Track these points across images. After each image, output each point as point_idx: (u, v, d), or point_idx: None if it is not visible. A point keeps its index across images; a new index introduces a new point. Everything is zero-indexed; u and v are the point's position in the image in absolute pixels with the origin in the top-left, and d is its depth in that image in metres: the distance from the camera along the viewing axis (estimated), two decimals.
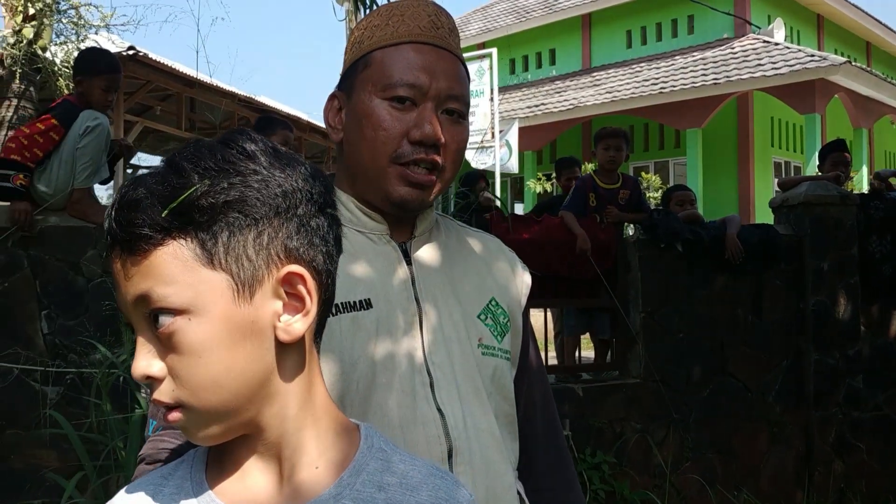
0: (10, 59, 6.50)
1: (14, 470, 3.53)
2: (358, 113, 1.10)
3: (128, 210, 0.68)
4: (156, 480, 0.76)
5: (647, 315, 4.41)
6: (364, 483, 0.73)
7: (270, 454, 0.73)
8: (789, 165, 15.10)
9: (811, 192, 4.79)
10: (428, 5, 1.14)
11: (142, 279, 0.68)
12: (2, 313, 3.59)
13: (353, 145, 1.11)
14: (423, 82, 1.07)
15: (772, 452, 4.68)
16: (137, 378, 0.70)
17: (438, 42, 1.11)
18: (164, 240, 0.67)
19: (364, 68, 1.11)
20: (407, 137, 1.07)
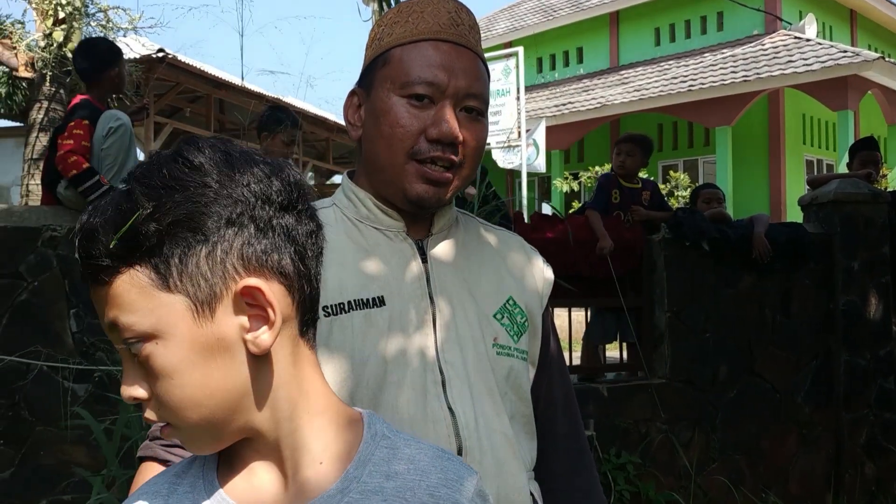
0: (40, 63, 6.62)
1: (44, 466, 3.60)
2: (376, 110, 1.10)
3: (86, 241, 0.68)
4: (170, 479, 0.77)
5: (672, 315, 4.37)
6: (371, 474, 0.73)
7: (273, 454, 0.73)
8: (821, 163, 14.87)
9: (841, 190, 4.71)
10: (448, 2, 1.14)
11: (109, 308, 0.68)
12: (32, 312, 3.65)
13: (370, 142, 1.11)
14: (442, 80, 1.07)
15: (801, 454, 4.61)
16: (126, 400, 0.71)
17: (458, 39, 1.11)
18: (120, 268, 0.67)
19: (383, 65, 1.10)
20: (424, 135, 1.07)
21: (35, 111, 6.64)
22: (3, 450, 3.61)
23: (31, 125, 6.65)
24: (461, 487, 0.75)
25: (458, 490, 0.74)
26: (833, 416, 4.67)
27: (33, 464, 3.61)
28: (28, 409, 3.63)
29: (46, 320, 3.66)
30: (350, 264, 1.07)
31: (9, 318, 3.64)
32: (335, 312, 1.03)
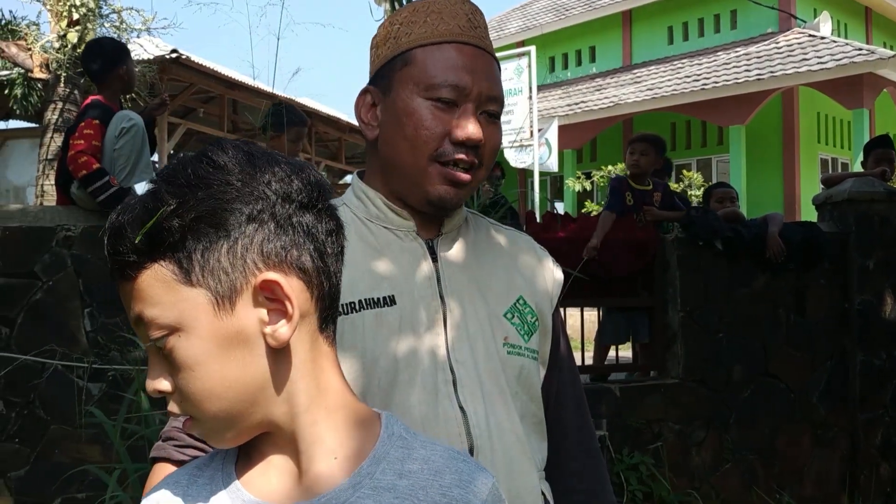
0: (55, 64, 6.67)
1: (59, 464, 3.62)
2: (398, 111, 1.09)
3: (113, 238, 0.71)
4: (191, 472, 0.78)
5: (685, 314, 4.35)
6: (384, 472, 0.74)
7: (290, 448, 0.75)
8: (836, 162, 14.76)
9: (856, 189, 4.67)
10: (464, 3, 1.14)
11: (135, 302, 0.71)
12: (47, 311, 3.68)
13: (390, 143, 1.11)
14: (467, 83, 1.08)
15: (815, 455, 4.58)
16: (150, 393, 0.73)
17: (477, 42, 1.11)
18: (145, 263, 0.70)
19: (403, 66, 1.10)
20: (449, 137, 1.07)
21: (49, 112, 6.69)
22: (19, 448, 3.64)
23: (45, 126, 6.70)
24: (474, 489, 0.75)
25: (472, 491, 0.75)
26: (848, 416, 4.64)
27: (48, 462, 3.64)
28: (43, 407, 3.66)
29: (61, 319, 3.69)
30: (361, 264, 1.07)
31: (24, 318, 3.67)
32: (346, 312, 1.03)
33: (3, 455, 3.64)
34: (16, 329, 3.65)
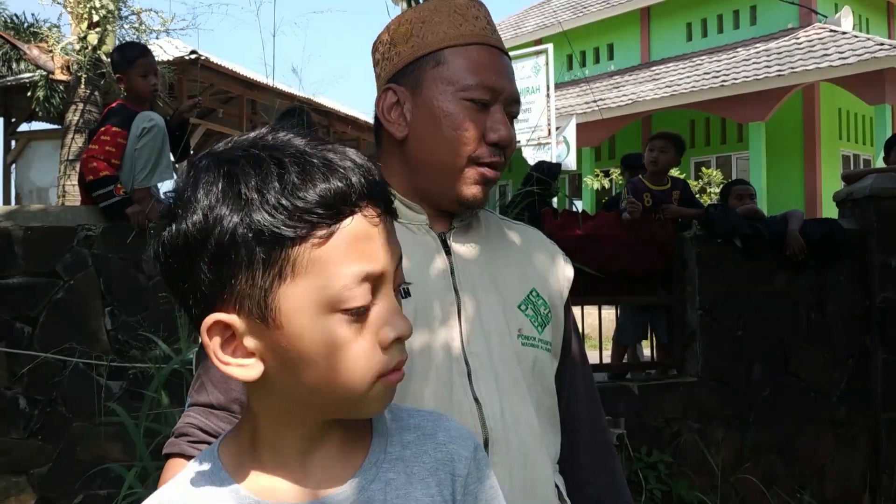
0: (76, 65, 6.74)
1: (81, 461, 3.66)
2: (434, 111, 1.10)
3: (378, 175, 0.70)
4: (196, 471, 0.78)
5: (704, 312, 4.32)
6: (392, 444, 0.78)
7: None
8: (858, 158, 14.60)
9: (877, 185, 4.62)
10: (480, 6, 1.16)
11: (396, 245, 0.72)
12: (68, 310, 3.72)
13: (425, 142, 1.11)
14: (500, 86, 1.10)
15: (837, 455, 4.53)
16: (409, 335, 0.72)
17: (498, 44, 1.14)
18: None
19: (436, 65, 1.11)
20: (484, 139, 1.09)
21: (71, 113, 6.77)
22: (42, 445, 3.69)
23: (66, 127, 6.78)
24: (463, 442, 0.81)
25: (462, 445, 0.81)
26: (870, 415, 4.59)
27: (70, 459, 3.68)
28: (65, 405, 3.70)
29: (82, 318, 3.73)
30: None
31: (46, 317, 3.71)
32: None
33: (27, 452, 3.69)
34: (38, 327, 3.70)
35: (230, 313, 0.67)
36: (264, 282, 0.65)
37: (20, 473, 3.69)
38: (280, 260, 0.65)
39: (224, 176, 0.66)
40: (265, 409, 0.73)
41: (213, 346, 0.68)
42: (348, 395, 0.70)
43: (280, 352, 0.67)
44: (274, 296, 0.65)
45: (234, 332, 0.67)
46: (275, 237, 0.64)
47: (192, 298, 0.67)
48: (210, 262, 0.65)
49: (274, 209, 0.64)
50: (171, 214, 0.68)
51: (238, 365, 0.68)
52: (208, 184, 0.66)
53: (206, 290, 0.66)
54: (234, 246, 0.64)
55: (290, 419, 0.73)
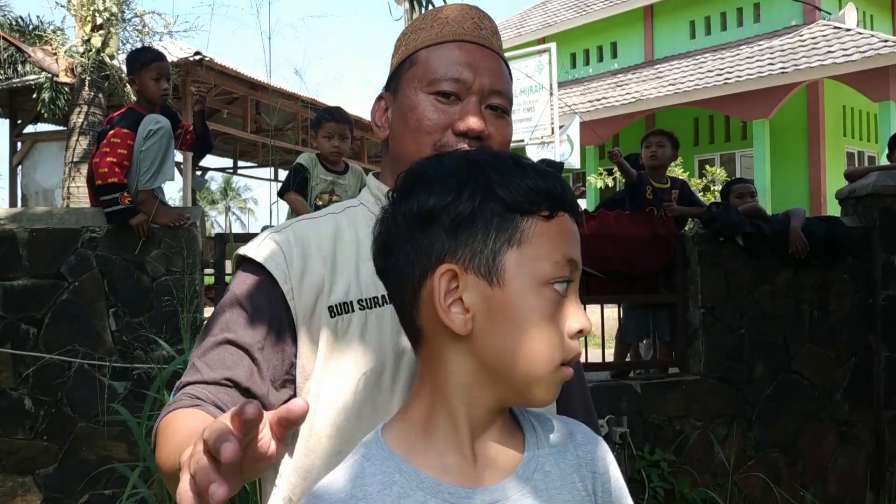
0: (79, 68, 6.77)
1: (86, 461, 3.69)
2: (403, 107, 1.13)
3: (565, 186, 0.82)
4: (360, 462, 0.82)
5: (707, 311, 4.33)
6: (539, 437, 0.87)
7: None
8: (863, 155, 14.56)
9: (880, 183, 4.62)
10: (471, 9, 1.18)
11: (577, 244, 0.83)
12: (73, 311, 3.75)
13: (398, 139, 1.14)
14: (468, 77, 1.10)
15: (840, 452, 4.54)
16: (590, 330, 0.82)
17: (481, 41, 1.14)
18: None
19: (410, 66, 1.14)
20: (452, 129, 1.10)
21: (75, 115, 6.79)
22: (47, 445, 3.72)
23: (71, 129, 6.80)
24: (598, 444, 0.91)
25: (598, 446, 0.90)
26: (873, 413, 4.59)
27: (75, 459, 3.71)
28: (70, 405, 3.73)
29: (87, 319, 3.75)
30: None
31: (51, 318, 3.74)
32: (370, 306, 1.05)
33: (32, 452, 3.72)
34: (43, 329, 3.73)
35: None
36: (496, 244, 0.77)
37: (26, 473, 3.72)
38: (511, 228, 0.78)
39: (468, 161, 0.81)
40: (449, 382, 0.81)
41: (440, 291, 0.78)
42: (532, 374, 0.78)
43: (493, 311, 0.77)
44: (501, 258, 0.77)
45: (458, 284, 0.78)
46: (510, 208, 0.78)
47: (415, 260, 0.79)
48: (450, 226, 0.77)
49: (514, 185, 0.78)
50: (403, 191, 0.82)
51: (456, 313, 0.78)
52: (455, 166, 0.81)
53: (434, 251, 0.78)
54: (476, 212, 0.77)
55: (469, 398, 0.80)
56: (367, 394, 1.02)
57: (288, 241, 1.07)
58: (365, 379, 1.02)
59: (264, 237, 1.09)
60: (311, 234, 1.09)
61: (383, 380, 1.02)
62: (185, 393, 0.99)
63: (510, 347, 0.77)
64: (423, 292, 0.79)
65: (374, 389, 1.02)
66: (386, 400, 1.02)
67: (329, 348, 1.03)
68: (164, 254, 3.81)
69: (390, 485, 0.77)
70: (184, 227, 3.81)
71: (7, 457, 3.70)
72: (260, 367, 1.01)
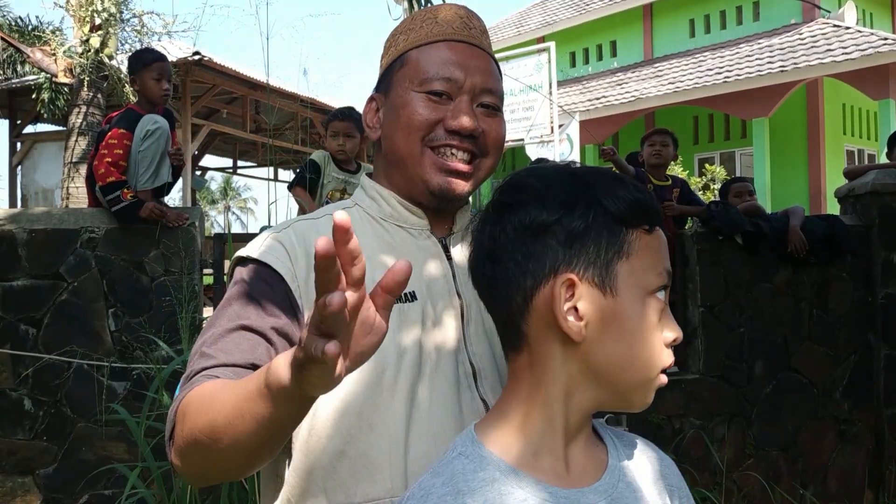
0: (78, 68, 6.77)
1: (86, 461, 3.69)
2: (395, 106, 1.13)
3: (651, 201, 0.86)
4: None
5: (706, 309, 4.33)
6: (621, 453, 0.91)
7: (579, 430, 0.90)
8: (863, 153, 14.55)
9: (879, 181, 4.62)
10: (460, 9, 1.18)
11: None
12: (72, 312, 3.75)
13: (389, 138, 1.15)
14: (458, 76, 1.11)
15: (839, 451, 4.54)
16: (681, 339, 0.87)
17: (471, 40, 1.15)
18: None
19: (400, 67, 1.15)
20: (443, 125, 1.10)
21: (74, 116, 6.79)
22: (47, 446, 3.72)
23: (70, 129, 6.80)
24: (671, 461, 0.97)
25: (671, 462, 0.96)
26: (872, 411, 4.59)
27: (75, 459, 3.71)
28: (69, 406, 3.73)
29: (86, 320, 3.76)
30: (380, 261, 1.10)
31: (50, 318, 3.74)
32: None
33: (32, 453, 3.72)
34: (42, 329, 3.73)
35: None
36: (608, 255, 0.82)
37: (26, 474, 3.72)
38: (619, 240, 0.82)
39: (573, 175, 0.86)
40: (552, 386, 0.84)
41: (560, 298, 0.81)
42: (636, 379, 0.83)
43: (606, 319, 0.82)
44: (614, 268, 0.82)
45: (574, 293, 0.82)
46: (619, 220, 0.82)
47: (528, 269, 0.83)
48: (565, 238, 0.82)
49: (621, 200, 0.83)
50: (510, 203, 0.86)
51: (573, 320, 0.82)
52: (562, 181, 0.85)
53: (549, 261, 0.82)
54: (589, 226, 0.82)
55: (570, 402, 0.84)
56: (369, 394, 1.01)
57: (291, 240, 1.08)
58: (367, 379, 1.02)
59: (265, 237, 1.09)
60: (313, 235, 1.09)
61: (385, 380, 1.02)
62: (201, 375, 0.95)
63: (620, 354, 0.82)
64: (537, 300, 0.83)
65: (375, 389, 1.02)
66: (387, 399, 1.02)
67: None
68: (163, 254, 3.81)
69: (491, 482, 0.80)
70: (183, 227, 3.81)
71: (7, 457, 3.70)
72: (277, 351, 0.99)
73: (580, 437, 0.87)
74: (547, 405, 0.85)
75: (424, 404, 1.03)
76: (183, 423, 0.91)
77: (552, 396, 0.84)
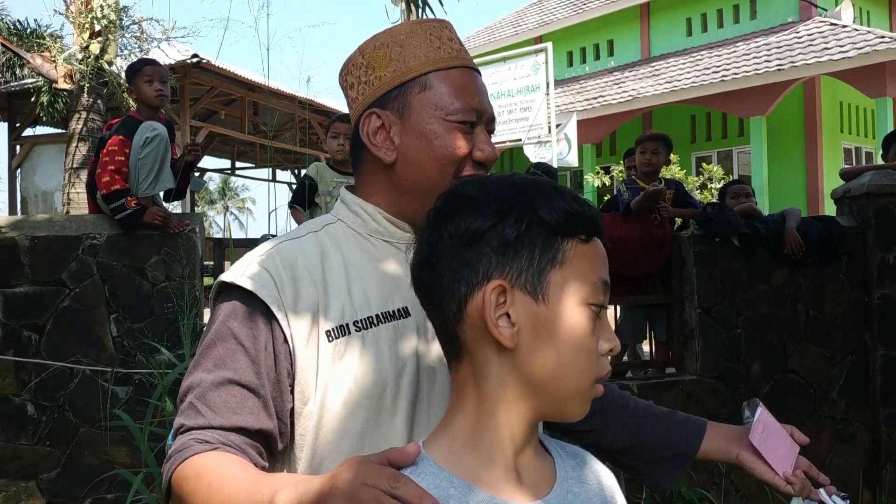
0: (78, 75, 6.79)
1: (89, 466, 3.72)
2: (426, 135, 1.11)
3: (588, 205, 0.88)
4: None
5: (703, 311, 4.36)
6: (566, 464, 0.92)
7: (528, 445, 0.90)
8: (860, 151, 14.59)
9: (875, 182, 4.64)
10: (447, 27, 1.19)
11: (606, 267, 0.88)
12: (74, 318, 3.78)
13: (415, 164, 1.12)
14: (484, 108, 1.15)
15: (837, 451, 4.57)
16: (619, 350, 0.88)
17: (474, 65, 1.18)
18: None
19: (421, 90, 1.12)
20: (471, 157, 1.13)
21: (74, 122, 6.80)
22: (50, 451, 3.75)
23: (70, 135, 6.82)
24: (611, 473, 0.98)
25: (611, 475, 0.97)
26: (869, 411, 4.62)
27: (78, 464, 3.74)
28: (72, 411, 3.76)
29: (88, 325, 3.79)
30: (370, 278, 1.10)
31: (52, 324, 3.77)
32: (366, 326, 1.06)
33: (35, 458, 3.75)
34: (45, 335, 3.76)
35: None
36: (541, 263, 0.83)
37: (29, 478, 3.75)
38: (554, 248, 0.83)
39: (512, 185, 0.86)
40: (494, 396, 0.84)
41: (490, 305, 0.82)
42: (570, 388, 0.84)
43: (538, 327, 0.82)
44: (546, 276, 0.82)
45: (506, 299, 0.82)
46: (553, 229, 0.83)
47: (462, 275, 0.84)
48: (498, 245, 0.82)
49: (556, 209, 0.84)
50: (447, 211, 0.86)
51: (504, 326, 0.82)
52: (499, 189, 0.86)
53: (482, 267, 0.83)
54: (523, 234, 0.83)
55: (513, 412, 0.84)
56: (370, 415, 1.03)
57: (276, 265, 1.06)
58: (367, 400, 1.03)
59: (249, 262, 1.08)
60: (298, 257, 1.08)
61: (385, 399, 1.03)
62: (192, 438, 0.98)
63: (553, 362, 0.82)
64: (470, 307, 0.83)
65: (376, 410, 1.03)
66: (388, 419, 1.03)
67: (328, 372, 1.03)
68: (164, 260, 3.84)
69: (446, 499, 0.79)
70: (184, 233, 3.84)
71: (10, 462, 3.73)
72: (266, 403, 1.01)
73: (528, 448, 0.87)
74: (493, 416, 0.84)
75: (424, 419, 1.05)
76: (182, 496, 0.95)
77: (496, 407, 0.84)
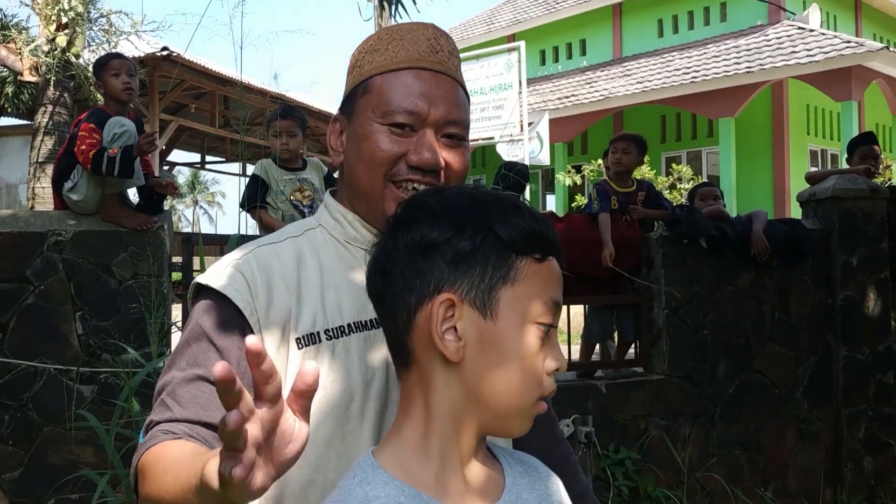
0: (44, 67, 6.66)
1: (52, 466, 3.67)
2: (358, 136, 1.12)
3: (551, 227, 0.87)
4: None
5: (670, 311, 4.41)
6: (514, 471, 0.93)
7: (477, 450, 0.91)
8: (826, 153, 14.83)
9: (839, 186, 4.73)
10: (427, 28, 1.16)
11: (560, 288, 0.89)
12: (39, 315, 3.72)
13: (352, 167, 1.14)
14: (422, 109, 1.09)
15: (800, 449, 4.65)
16: (565, 369, 0.91)
17: (437, 67, 1.12)
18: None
19: (364, 94, 1.12)
20: (405, 160, 1.09)
21: (40, 115, 6.68)
22: (13, 450, 3.68)
23: (36, 129, 6.70)
24: (557, 479, 0.99)
25: (557, 481, 0.98)
26: (832, 411, 4.71)
27: (41, 464, 3.68)
28: (36, 410, 3.70)
29: (53, 323, 3.72)
30: (345, 286, 1.09)
31: (16, 322, 3.70)
32: (336, 336, 1.05)
33: None
34: (8, 333, 3.69)
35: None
36: (493, 279, 0.82)
37: None
38: (507, 265, 0.83)
39: (471, 198, 0.86)
40: (444, 407, 0.84)
41: (437, 318, 0.82)
42: (512, 405, 0.83)
43: (484, 342, 0.82)
44: (497, 293, 0.82)
45: (454, 313, 0.82)
46: (508, 246, 0.83)
47: (413, 285, 0.83)
48: (451, 258, 0.82)
49: (513, 227, 0.83)
50: (405, 220, 0.86)
51: (450, 340, 0.82)
52: (459, 202, 0.85)
53: (433, 279, 0.82)
54: (477, 248, 0.82)
55: (462, 423, 0.85)
56: (337, 423, 1.02)
57: (251, 270, 1.06)
58: (335, 409, 1.02)
59: (225, 265, 1.08)
60: (274, 263, 1.08)
61: (352, 409, 1.03)
62: (160, 429, 0.98)
63: (497, 378, 0.82)
64: (419, 317, 0.83)
65: (343, 419, 1.03)
66: (355, 428, 1.03)
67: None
68: (131, 258, 3.79)
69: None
70: (151, 230, 3.79)
71: None
72: None
73: (477, 455, 0.88)
74: (441, 425, 0.84)
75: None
76: (142, 482, 0.95)
77: (444, 416, 0.84)
